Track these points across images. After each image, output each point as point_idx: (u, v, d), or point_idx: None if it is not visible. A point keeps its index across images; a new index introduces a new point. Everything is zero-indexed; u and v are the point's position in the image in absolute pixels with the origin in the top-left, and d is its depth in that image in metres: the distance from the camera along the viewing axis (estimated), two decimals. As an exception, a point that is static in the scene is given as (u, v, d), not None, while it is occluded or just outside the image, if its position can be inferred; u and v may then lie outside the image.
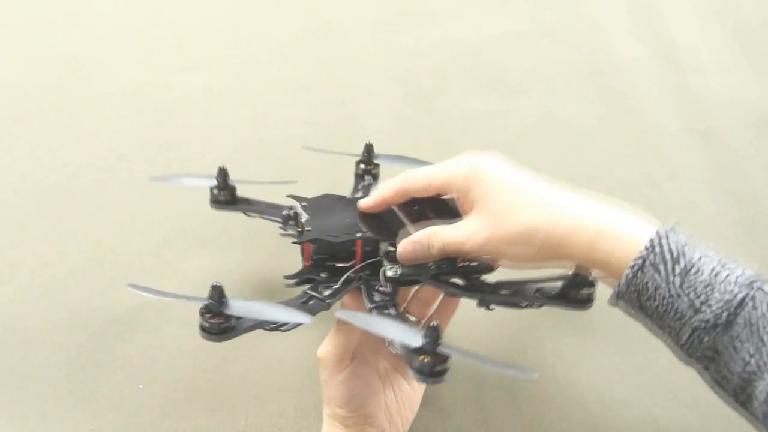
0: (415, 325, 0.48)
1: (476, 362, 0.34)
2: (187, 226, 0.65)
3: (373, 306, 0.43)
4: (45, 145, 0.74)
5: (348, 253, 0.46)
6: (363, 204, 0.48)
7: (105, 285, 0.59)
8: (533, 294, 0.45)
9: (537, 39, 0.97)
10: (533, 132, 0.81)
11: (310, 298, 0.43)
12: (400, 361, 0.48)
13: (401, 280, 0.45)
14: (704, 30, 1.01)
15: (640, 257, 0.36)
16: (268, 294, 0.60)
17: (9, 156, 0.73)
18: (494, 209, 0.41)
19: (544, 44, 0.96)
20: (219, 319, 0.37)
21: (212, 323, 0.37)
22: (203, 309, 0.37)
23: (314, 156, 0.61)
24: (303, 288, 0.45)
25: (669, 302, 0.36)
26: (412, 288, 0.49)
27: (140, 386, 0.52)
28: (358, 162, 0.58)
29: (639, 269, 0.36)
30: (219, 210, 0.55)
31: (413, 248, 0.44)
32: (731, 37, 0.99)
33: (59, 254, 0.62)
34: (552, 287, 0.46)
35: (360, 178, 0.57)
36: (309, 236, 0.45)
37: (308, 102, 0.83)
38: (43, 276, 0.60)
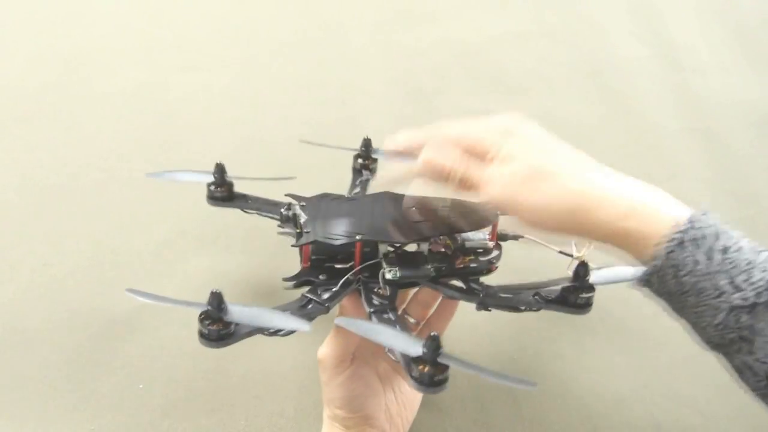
0: (414, 327, 0.48)
1: (477, 373, 0.34)
2: (187, 226, 0.65)
3: (372, 310, 0.43)
4: (45, 145, 0.74)
5: (347, 254, 0.46)
6: (391, 145, 0.46)
7: (105, 285, 0.59)
8: (532, 298, 0.45)
9: (537, 39, 0.97)
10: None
11: (309, 302, 0.43)
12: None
13: (400, 283, 0.45)
14: (704, 30, 1.01)
15: (680, 231, 0.35)
16: (268, 295, 0.60)
17: (9, 156, 0.73)
18: (524, 168, 0.40)
19: (544, 44, 0.96)
20: (218, 326, 0.36)
21: (211, 330, 0.36)
22: (202, 315, 0.37)
23: (313, 155, 0.61)
24: (302, 290, 0.44)
25: (708, 279, 0.35)
26: (412, 289, 0.49)
27: (140, 386, 0.52)
28: (356, 156, 0.57)
29: (679, 243, 0.35)
30: (216, 206, 0.54)
31: (438, 162, 0.42)
32: (731, 37, 1.00)
33: (59, 254, 0.62)
34: (551, 291, 0.46)
35: (358, 173, 0.57)
36: (309, 239, 0.45)
37: (308, 102, 0.83)
38: (43, 276, 0.60)
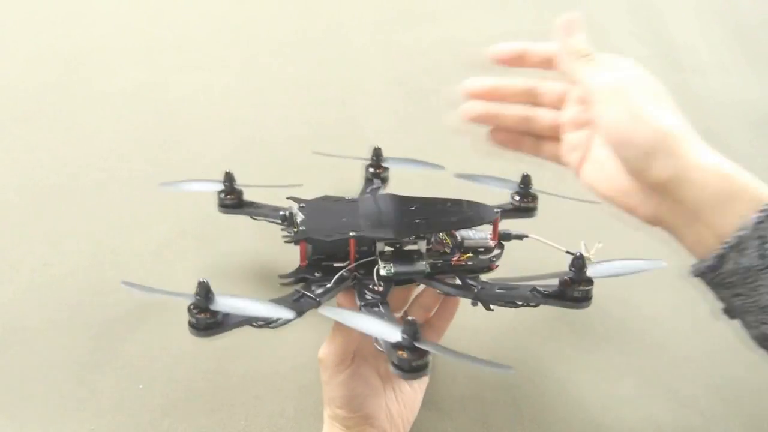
0: None
1: (454, 358, 0.34)
2: (187, 226, 0.65)
3: (363, 303, 0.43)
4: (45, 145, 0.74)
5: (345, 254, 0.46)
6: (495, 49, 0.46)
7: (105, 285, 0.59)
8: (529, 293, 0.45)
9: (537, 39, 0.97)
10: (533, 132, 0.81)
11: (302, 296, 0.43)
12: None
13: (394, 279, 0.45)
14: (704, 30, 1.01)
15: None
16: (268, 295, 0.59)
17: (9, 156, 0.73)
18: (640, 80, 0.40)
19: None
20: (206, 315, 0.37)
21: (199, 319, 0.37)
22: (191, 305, 0.37)
23: (313, 156, 0.61)
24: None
25: None
26: (413, 292, 0.49)
27: (140, 386, 0.52)
28: (368, 166, 0.58)
29: None
30: (226, 214, 0.56)
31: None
32: (731, 37, 1.00)
33: (59, 254, 0.62)
34: (548, 286, 0.45)
35: (369, 182, 0.58)
36: (301, 235, 0.45)
37: (308, 102, 0.83)
38: (43, 276, 0.60)
